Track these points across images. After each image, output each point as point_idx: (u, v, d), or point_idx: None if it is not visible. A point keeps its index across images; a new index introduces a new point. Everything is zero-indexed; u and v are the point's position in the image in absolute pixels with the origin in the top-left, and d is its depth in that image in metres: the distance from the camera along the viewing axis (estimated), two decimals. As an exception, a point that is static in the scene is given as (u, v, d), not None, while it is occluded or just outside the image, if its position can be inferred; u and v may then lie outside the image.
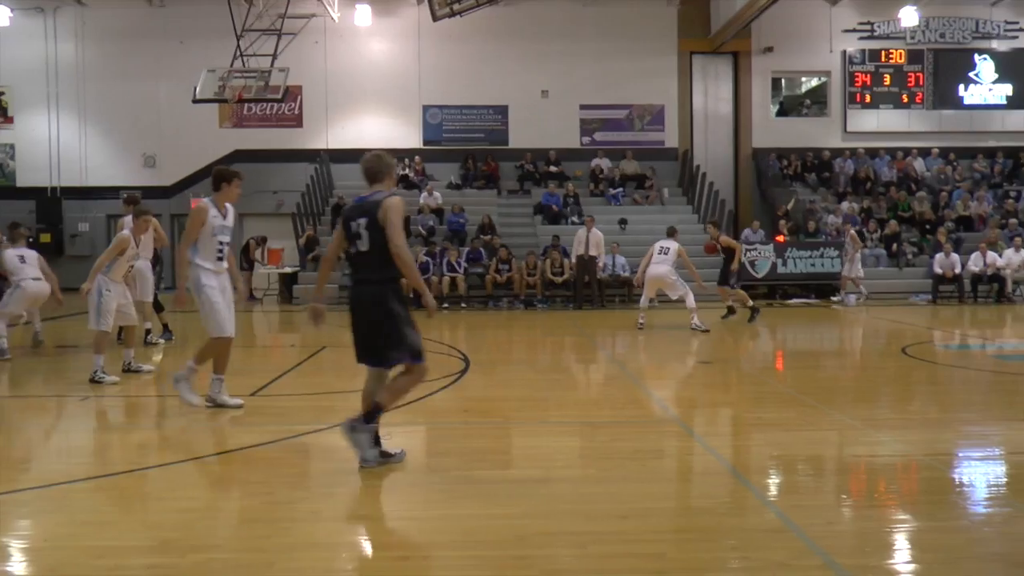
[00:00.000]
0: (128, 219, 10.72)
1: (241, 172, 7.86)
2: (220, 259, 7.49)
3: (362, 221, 5.43)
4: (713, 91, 26.43)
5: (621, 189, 24.10)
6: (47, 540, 4.59)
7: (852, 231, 20.20)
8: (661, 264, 14.45)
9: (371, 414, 5.55)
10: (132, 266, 10.02)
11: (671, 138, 26.07)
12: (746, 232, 21.87)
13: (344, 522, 4.80)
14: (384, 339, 5.51)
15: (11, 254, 11.55)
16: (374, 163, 5.65)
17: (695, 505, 5.17)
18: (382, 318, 5.48)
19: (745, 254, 20.70)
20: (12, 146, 26.15)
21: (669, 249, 14.62)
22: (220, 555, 4.25)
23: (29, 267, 11.45)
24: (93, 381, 9.21)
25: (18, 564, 4.33)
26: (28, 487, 5.57)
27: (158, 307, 12.58)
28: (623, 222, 22.22)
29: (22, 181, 26.02)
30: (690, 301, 14.32)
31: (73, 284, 10.11)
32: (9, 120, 26.13)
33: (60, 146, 25.98)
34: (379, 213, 5.37)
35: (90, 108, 25.87)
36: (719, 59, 26.29)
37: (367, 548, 4.45)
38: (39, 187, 25.94)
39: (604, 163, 24.79)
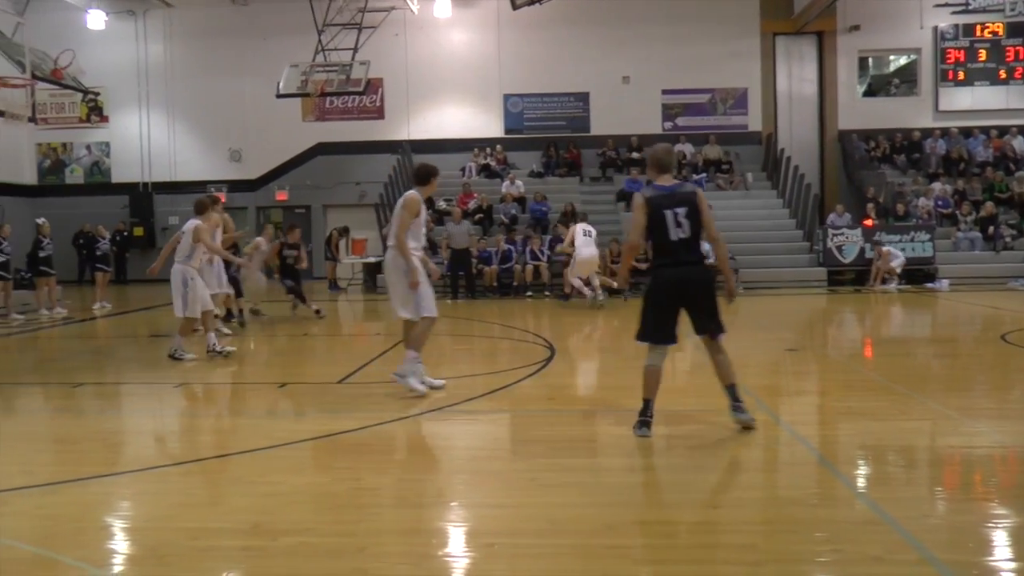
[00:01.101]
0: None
1: None
2: (423, 247, 7.95)
3: (681, 211, 5.92)
4: (797, 72, 25.82)
5: (704, 175, 23.69)
6: (148, 521, 4.77)
7: (884, 249, 19.49)
8: (591, 246, 15.72)
9: (734, 393, 6.15)
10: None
11: (754, 122, 25.57)
12: (832, 217, 21.31)
13: (431, 508, 4.84)
14: (713, 313, 6.08)
15: None
16: (667, 156, 6.22)
17: (785, 495, 5.05)
18: (711, 294, 6.07)
19: (831, 239, 20.22)
20: (107, 144, 27.16)
21: (592, 232, 15.69)
22: (311, 539, 4.32)
23: None
24: (172, 357, 9.84)
25: (122, 543, 4.52)
26: (128, 470, 5.79)
27: None
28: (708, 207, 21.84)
29: (116, 177, 27.00)
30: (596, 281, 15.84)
31: (166, 275, 10.52)
32: (104, 119, 27.11)
33: (151, 143, 26.86)
34: (697, 202, 5.96)
35: (178, 106, 26.65)
36: (803, 39, 25.66)
37: (455, 534, 4.48)
38: (132, 182, 26.86)
39: (687, 148, 24.43)
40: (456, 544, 4.32)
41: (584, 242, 15.54)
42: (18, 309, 16.06)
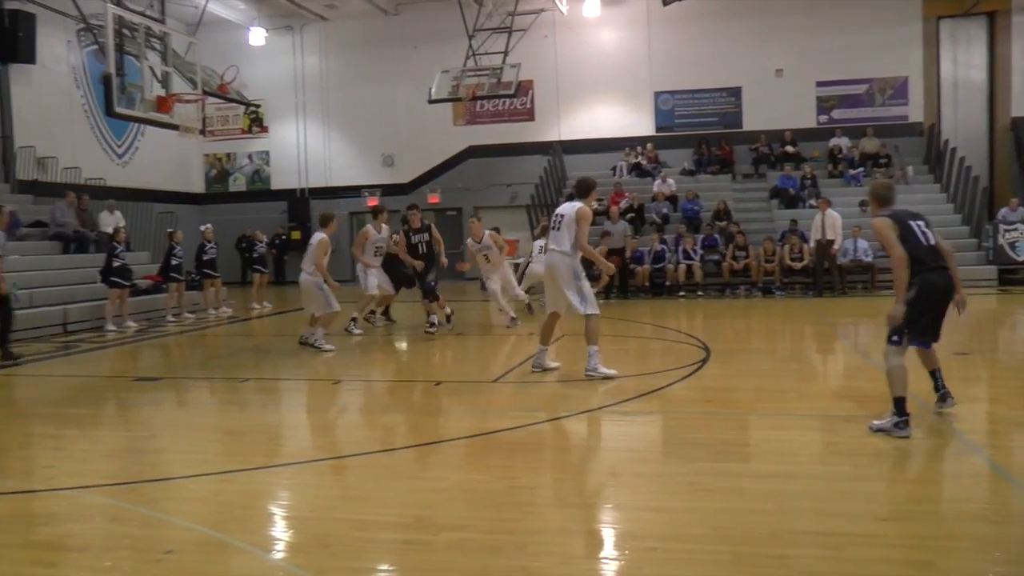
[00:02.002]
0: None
1: None
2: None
3: (921, 222, 6.30)
4: (964, 58, 24.34)
5: (861, 169, 22.71)
6: (313, 511, 4.98)
7: None
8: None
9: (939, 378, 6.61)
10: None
11: (915, 112, 24.26)
12: (1003, 211, 20.02)
13: (590, 509, 4.85)
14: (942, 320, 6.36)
15: None
16: (889, 191, 6.54)
17: (961, 509, 4.73)
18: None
19: (1003, 235, 19.06)
20: (267, 153, 28.56)
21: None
22: (472, 535, 4.40)
23: None
24: (306, 343, 10.99)
25: (289, 531, 4.73)
26: (292, 461, 6.09)
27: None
28: (864, 204, 21.00)
29: (275, 184, 28.32)
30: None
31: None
32: (265, 130, 28.52)
33: (307, 151, 28.03)
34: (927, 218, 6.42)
35: (333, 114, 27.70)
36: (971, 21, 24.15)
37: (614, 536, 4.45)
38: (289, 189, 28.10)
39: (843, 142, 23.50)
40: (616, 546, 4.30)
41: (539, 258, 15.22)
42: (189, 308, 17.07)
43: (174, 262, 16.61)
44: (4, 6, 20.08)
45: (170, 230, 18.22)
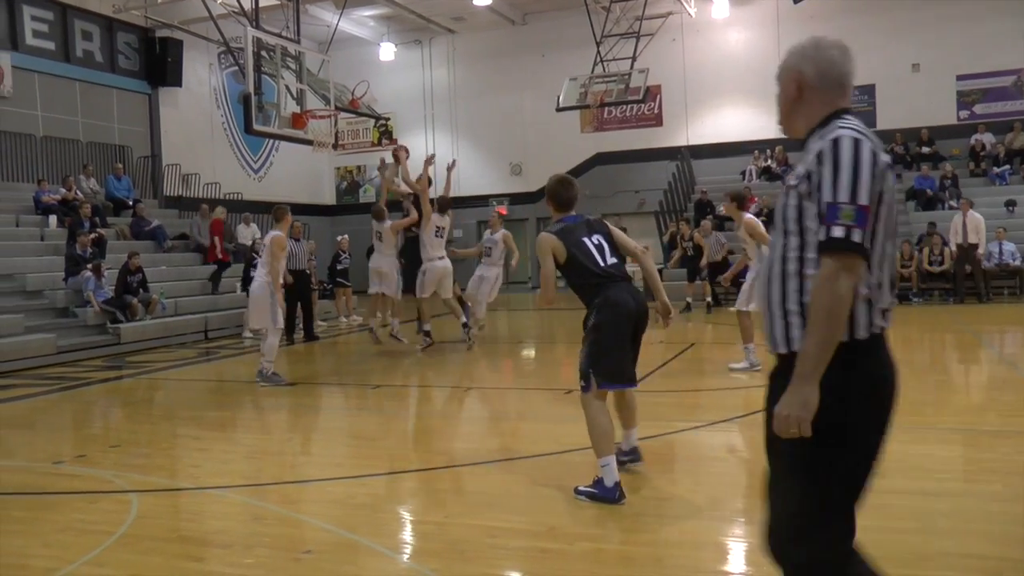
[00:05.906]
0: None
1: None
2: None
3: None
4: None
5: (1008, 167, 21.53)
6: (445, 516, 5.03)
7: None
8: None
9: None
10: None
11: (1072, 104, 22.81)
12: None
13: (727, 522, 4.76)
14: None
15: None
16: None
17: None
18: None
19: None
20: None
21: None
22: (607, 545, 4.39)
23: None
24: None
25: (423, 535, 4.82)
26: (424, 467, 6.19)
27: None
28: (1011, 204, 19.92)
29: (406, 194, 28.86)
30: None
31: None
32: (394, 142, 29.11)
33: (436, 162, 28.40)
34: None
35: (461, 125, 28.12)
36: None
37: (750, 551, 4.33)
38: (419, 199, 28.60)
39: (986, 138, 22.34)
40: (751, 561, 4.18)
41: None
42: (321, 316, 17.64)
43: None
44: (156, 34, 21.38)
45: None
